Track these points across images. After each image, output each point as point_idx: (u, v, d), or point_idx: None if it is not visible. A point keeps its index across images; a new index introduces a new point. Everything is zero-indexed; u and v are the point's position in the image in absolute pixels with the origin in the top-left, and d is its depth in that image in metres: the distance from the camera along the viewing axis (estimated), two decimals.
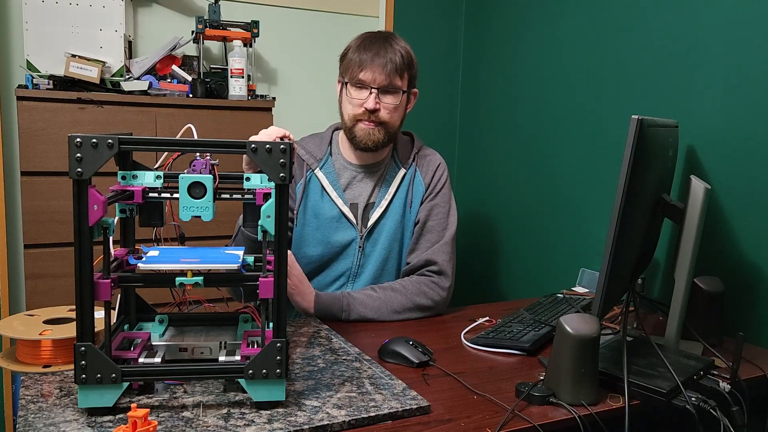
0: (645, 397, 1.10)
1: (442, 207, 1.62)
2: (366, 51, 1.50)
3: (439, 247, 1.58)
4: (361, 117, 1.52)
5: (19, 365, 1.10)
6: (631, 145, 1.09)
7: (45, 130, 1.85)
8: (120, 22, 1.97)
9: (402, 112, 1.57)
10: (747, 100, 1.52)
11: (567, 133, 2.10)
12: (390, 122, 1.53)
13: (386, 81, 1.49)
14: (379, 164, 1.62)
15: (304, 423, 0.93)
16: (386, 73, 1.48)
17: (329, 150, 1.63)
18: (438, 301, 1.55)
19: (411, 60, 1.55)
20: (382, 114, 1.51)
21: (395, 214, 1.60)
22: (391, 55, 1.49)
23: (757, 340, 1.49)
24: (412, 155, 1.64)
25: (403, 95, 1.53)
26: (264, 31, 2.29)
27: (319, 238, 1.58)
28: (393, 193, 1.60)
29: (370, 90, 1.50)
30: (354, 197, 1.60)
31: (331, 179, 1.60)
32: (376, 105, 1.50)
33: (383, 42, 1.51)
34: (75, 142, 0.87)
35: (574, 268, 1.95)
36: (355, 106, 1.52)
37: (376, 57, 1.49)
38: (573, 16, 2.06)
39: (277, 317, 0.95)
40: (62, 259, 1.89)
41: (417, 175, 1.63)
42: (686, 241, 1.33)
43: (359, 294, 1.51)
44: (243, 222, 1.05)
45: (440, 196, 1.63)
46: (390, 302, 1.50)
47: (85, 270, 0.89)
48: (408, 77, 1.54)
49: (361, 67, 1.49)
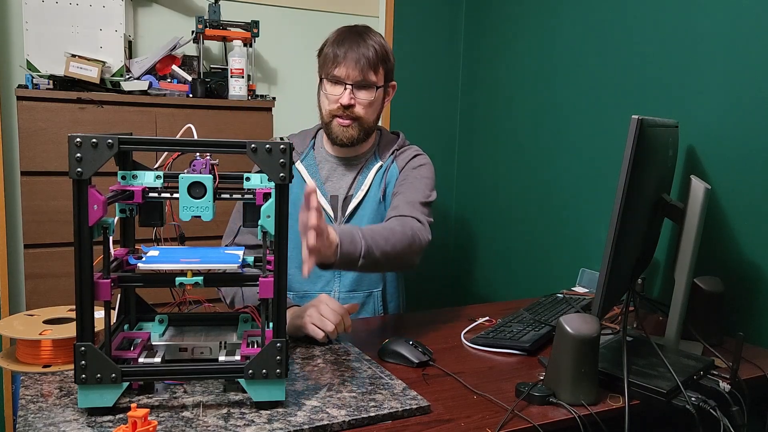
0: (645, 397, 1.10)
1: (419, 180, 1.56)
2: (340, 46, 1.50)
3: (413, 204, 1.50)
4: (336, 112, 1.52)
5: (19, 365, 1.10)
6: (631, 145, 1.09)
7: (45, 130, 1.85)
8: (120, 22, 1.97)
9: (378, 106, 1.57)
10: (747, 101, 1.52)
11: (567, 133, 2.10)
12: (365, 117, 1.53)
13: (360, 76, 1.49)
14: (359, 157, 1.63)
15: (304, 423, 0.93)
16: (360, 69, 1.49)
17: (312, 143, 1.66)
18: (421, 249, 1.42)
19: (386, 54, 1.54)
20: (356, 109, 1.52)
21: (372, 203, 1.59)
22: (364, 50, 1.49)
23: (757, 340, 1.49)
24: (392, 150, 1.64)
25: (378, 90, 1.53)
26: (264, 31, 2.29)
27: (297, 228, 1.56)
28: (368, 185, 1.60)
29: (344, 86, 1.50)
30: (334, 189, 1.61)
31: (311, 171, 1.61)
32: (350, 101, 1.50)
33: (357, 37, 1.51)
34: (75, 142, 0.87)
35: (574, 268, 1.95)
36: (331, 101, 1.53)
37: (349, 52, 1.49)
38: (573, 16, 2.06)
39: (277, 317, 0.95)
40: (62, 259, 1.89)
41: (393, 165, 1.62)
42: (686, 241, 1.33)
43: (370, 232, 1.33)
44: (243, 222, 1.04)
45: (417, 171, 1.58)
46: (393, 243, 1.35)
47: (85, 270, 0.89)
48: (384, 71, 1.54)
49: (335, 62, 1.50)
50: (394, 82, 1.62)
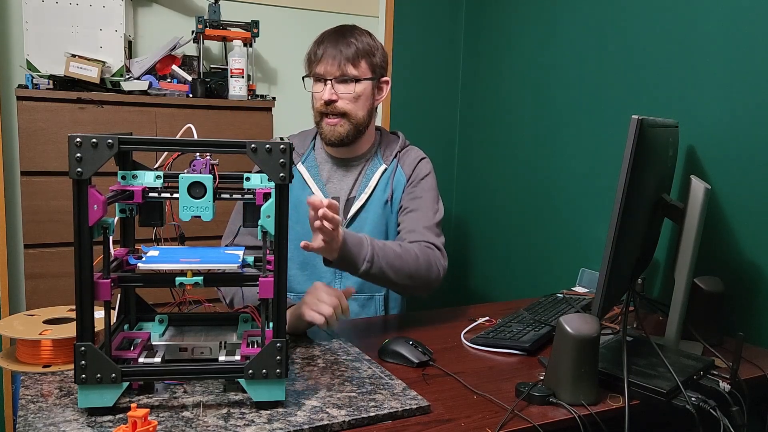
0: (645, 397, 1.10)
1: (427, 192, 1.60)
2: (320, 45, 1.52)
3: (431, 227, 1.54)
4: (323, 110, 1.53)
5: (19, 365, 1.10)
6: (631, 145, 1.09)
7: (45, 130, 1.85)
8: (120, 22, 1.97)
9: (366, 101, 1.55)
10: (747, 100, 1.52)
11: (567, 133, 2.10)
12: (351, 112, 1.52)
13: (338, 71, 1.50)
14: (359, 158, 1.62)
15: (304, 423, 0.93)
16: (337, 63, 1.50)
17: (313, 144, 1.65)
18: (439, 276, 1.48)
19: (370, 48, 1.54)
20: (340, 104, 1.51)
21: (376, 208, 1.59)
22: (343, 46, 1.50)
23: (757, 340, 1.49)
24: (394, 152, 1.63)
25: (359, 83, 1.52)
26: (264, 31, 2.29)
27: (299, 231, 1.57)
28: (373, 187, 1.59)
29: (325, 82, 1.51)
30: (335, 191, 1.61)
31: (312, 173, 1.61)
32: (331, 96, 1.50)
33: (337, 35, 1.53)
34: (75, 142, 0.87)
35: (574, 268, 1.95)
36: (317, 100, 1.54)
37: (328, 48, 1.51)
38: (573, 16, 2.06)
39: (277, 317, 0.95)
40: (62, 259, 1.89)
41: (398, 169, 1.62)
42: (686, 241, 1.33)
43: (382, 244, 1.39)
44: (243, 222, 1.04)
45: (424, 182, 1.61)
46: (408, 262, 1.41)
47: (85, 270, 0.89)
48: (367, 65, 1.53)
49: (315, 60, 1.52)
50: (387, 78, 1.60)
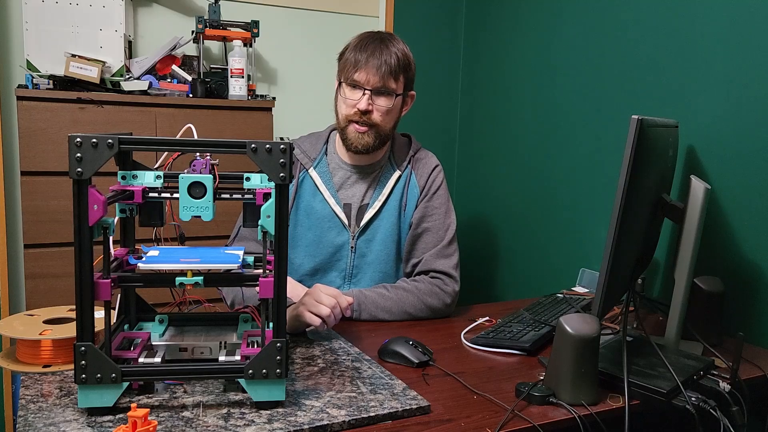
0: (645, 397, 1.10)
1: (438, 208, 1.61)
2: (362, 51, 1.49)
3: (441, 250, 1.58)
4: (353, 118, 1.51)
5: (19, 365, 1.10)
6: (631, 145, 1.09)
7: (45, 130, 1.85)
8: (120, 22, 1.97)
9: (396, 114, 1.56)
10: (747, 101, 1.52)
11: (567, 133, 2.10)
12: (381, 125, 1.52)
13: (380, 83, 1.48)
14: (373, 165, 1.61)
15: (304, 423, 0.93)
16: (380, 75, 1.47)
17: (325, 149, 1.63)
18: (448, 303, 1.55)
19: (408, 62, 1.53)
20: (374, 116, 1.50)
21: (390, 216, 1.59)
22: (386, 56, 1.48)
23: (757, 340, 1.49)
24: (408, 158, 1.63)
25: (396, 98, 1.52)
26: (264, 31, 2.29)
27: (311, 238, 1.58)
28: (387, 195, 1.59)
29: (363, 91, 1.49)
30: (348, 198, 1.60)
31: (324, 179, 1.59)
32: (368, 106, 1.49)
33: (380, 43, 1.50)
34: (75, 142, 0.87)
35: (574, 268, 1.95)
36: (349, 106, 1.51)
37: (371, 58, 1.47)
38: (573, 16, 2.06)
39: (277, 317, 0.95)
40: (62, 259, 1.89)
41: (412, 177, 1.62)
42: (686, 241, 1.33)
43: (371, 292, 1.49)
44: (243, 222, 1.04)
45: (436, 197, 1.62)
46: (402, 302, 1.49)
47: (85, 270, 0.89)
48: (404, 80, 1.53)
49: (356, 67, 1.48)
50: (413, 92, 1.60)
